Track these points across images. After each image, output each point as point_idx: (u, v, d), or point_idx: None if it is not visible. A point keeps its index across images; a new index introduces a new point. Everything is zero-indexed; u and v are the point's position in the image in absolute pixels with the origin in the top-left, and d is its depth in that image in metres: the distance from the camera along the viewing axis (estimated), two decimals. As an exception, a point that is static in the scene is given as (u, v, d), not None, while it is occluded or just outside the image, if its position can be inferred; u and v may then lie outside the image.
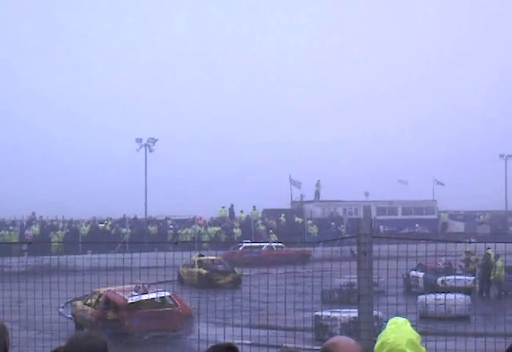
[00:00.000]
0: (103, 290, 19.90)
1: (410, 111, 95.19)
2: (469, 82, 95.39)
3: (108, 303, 20.95)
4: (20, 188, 72.28)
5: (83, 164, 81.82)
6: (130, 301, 20.48)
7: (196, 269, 36.97)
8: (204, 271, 36.60)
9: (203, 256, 37.47)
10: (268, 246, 46.62)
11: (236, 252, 45.76)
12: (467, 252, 33.15)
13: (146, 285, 20.30)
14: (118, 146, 78.54)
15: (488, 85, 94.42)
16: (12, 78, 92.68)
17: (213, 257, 37.96)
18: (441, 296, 23.58)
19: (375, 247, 6.67)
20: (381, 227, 61.68)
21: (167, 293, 21.48)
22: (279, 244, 45.92)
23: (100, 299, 21.01)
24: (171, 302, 21.40)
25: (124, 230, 53.54)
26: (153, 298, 21.35)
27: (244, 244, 45.61)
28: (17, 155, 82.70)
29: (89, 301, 21.33)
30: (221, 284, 34.93)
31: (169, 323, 20.35)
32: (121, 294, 20.56)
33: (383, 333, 4.54)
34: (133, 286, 20.20)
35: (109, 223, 56.17)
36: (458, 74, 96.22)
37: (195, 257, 36.68)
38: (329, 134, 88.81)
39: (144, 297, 20.82)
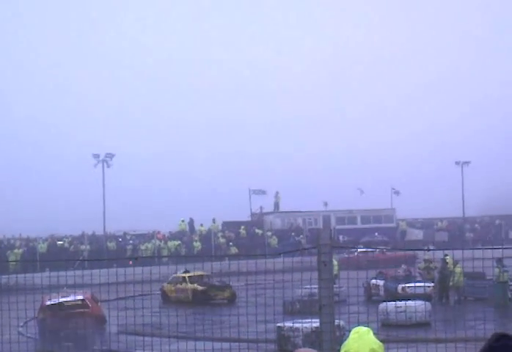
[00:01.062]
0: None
1: (366, 120, 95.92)
2: (424, 89, 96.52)
3: (40, 306, 22.94)
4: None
5: (40, 180, 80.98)
6: (47, 303, 23.82)
7: (189, 285, 34.89)
8: (200, 287, 34.61)
9: (188, 271, 34.81)
10: (379, 251, 45.07)
11: (351, 256, 42.28)
12: (426, 260, 33.45)
13: (69, 290, 22.44)
14: (75, 162, 77.91)
15: (443, 92, 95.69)
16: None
17: (201, 273, 35.22)
18: (401, 303, 23.75)
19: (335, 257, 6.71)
20: (341, 237, 61.92)
21: (81, 297, 24.86)
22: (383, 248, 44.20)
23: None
24: (87, 304, 25.03)
25: (83, 247, 53.07)
26: (71, 301, 24.74)
27: (359, 249, 43.14)
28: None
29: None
30: (218, 300, 33.37)
31: (81, 322, 22.46)
32: (47, 298, 23.13)
33: (346, 342, 4.56)
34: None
35: (68, 240, 55.66)
36: (413, 81, 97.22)
37: (179, 273, 35.02)
38: (286, 145, 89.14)
39: (62, 299, 24.07)
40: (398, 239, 64.95)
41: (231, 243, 56.11)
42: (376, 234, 63.02)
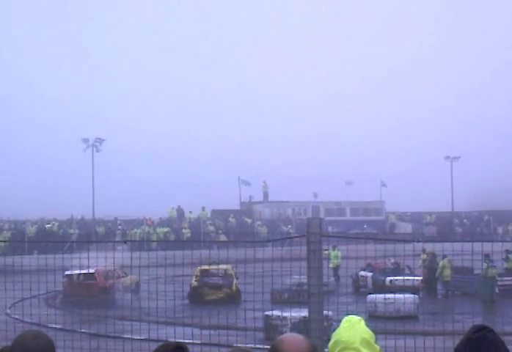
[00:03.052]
0: None
1: (357, 112, 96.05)
2: (416, 84, 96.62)
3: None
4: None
5: (30, 164, 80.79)
6: (66, 273, 28.82)
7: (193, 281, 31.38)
8: (195, 283, 31.14)
9: (216, 263, 30.75)
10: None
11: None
12: (427, 253, 33.01)
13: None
14: (65, 146, 77.75)
15: (435, 88, 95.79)
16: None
17: (224, 266, 31.69)
18: (390, 295, 23.79)
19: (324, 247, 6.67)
20: (330, 228, 62.00)
21: (92, 271, 29.81)
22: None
23: None
24: (95, 277, 30.85)
25: (71, 231, 52.97)
26: (83, 273, 30.29)
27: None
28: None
29: None
30: (210, 300, 29.74)
31: (90, 291, 29.38)
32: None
33: (336, 331, 4.52)
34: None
35: (56, 224, 55.55)
36: (406, 76, 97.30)
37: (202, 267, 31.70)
38: (277, 134, 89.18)
39: (76, 272, 29.65)
40: (387, 232, 65.06)
41: (220, 231, 56.11)
42: (365, 226, 63.16)
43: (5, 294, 9.57)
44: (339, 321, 4.54)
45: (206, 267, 31.80)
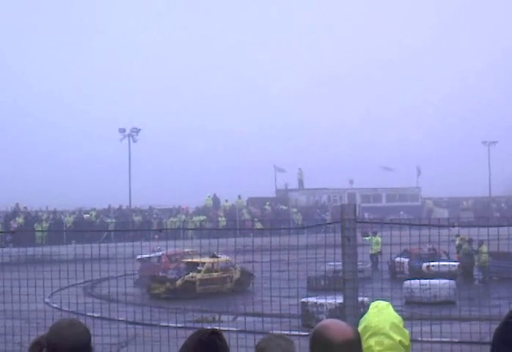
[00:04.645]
0: None
1: (395, 98, 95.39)
2: (451, 69, 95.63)
3: None
4: (4, 180, 71.90)
5: (68, 154, 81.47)
6: (138, 257, 29.41)
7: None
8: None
9: (216, 256, 30.29)
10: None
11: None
12: (461, 239, 32.88)
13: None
14: (102, 136, 78.25)
15: (471, 72, 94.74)
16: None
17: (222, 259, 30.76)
18: (426, 281, 23.71)
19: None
20: (366, 215, 61.76)
21: (159, 253, 32.58)
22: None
23: None
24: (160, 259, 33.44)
25: (109, 220, 53.39)
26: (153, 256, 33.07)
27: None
28: (4, 147, 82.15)
29: None
30: (155, 294, 28.76)
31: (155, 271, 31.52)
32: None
33: (365, 317, 4.54)
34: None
35: (94, 213, 56.00)
36: (441, 60, 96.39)
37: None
38: (314, 121, 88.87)
39: (146, 255, 31.78)
40: (424, 218, 64.66)
41: (256, 219, 56.18)
42: (401, 212, 62.85)
43: (44, 283, 9.72)
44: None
45: (189, 260, 30.95)
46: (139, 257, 30.06)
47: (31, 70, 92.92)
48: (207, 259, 30.46)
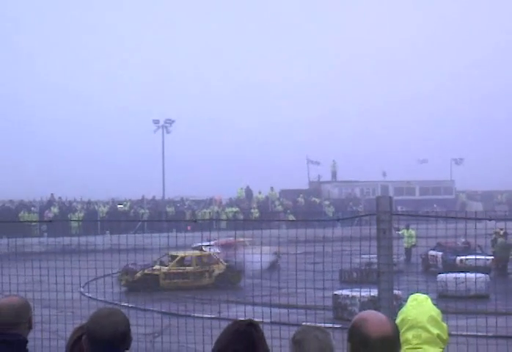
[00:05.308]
0: None
1: (428, 88, 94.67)
2: (484, 59, 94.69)
3: None
4: (39, 170, 72.63)
5: (102, 145, 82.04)
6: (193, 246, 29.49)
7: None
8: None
9: (202, 249, 30.44)
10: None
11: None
12: (496, 232, 32.61)
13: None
14: (136, 127, 78.70)
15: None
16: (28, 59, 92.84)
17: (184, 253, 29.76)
18: (460, 275, 23.54)
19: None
20: (399, 207, 61.47)
21: (212, 242, 30.28)
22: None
23: None
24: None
25: (142, 211, 53.70)
26: (206, 245, 30.20)
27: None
28: (35, 137, 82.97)
29: None
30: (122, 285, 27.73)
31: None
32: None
33: (403, 309, 4.52)
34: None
35: (128, 204, 56.33)
36: (470, 47, 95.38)
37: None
38: (345, 114, 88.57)
39: (199, 244, 29.38)
40: (458, 211, 64.21)
41: (288, 211, 56.20)
42: (435, 205, 62.46)
43: (79, 273, 9.80)
44: (409, 300, 4.55)
45: (174, 253, 29.07)
46: (194, 245, 29.62)
47: (67, 62, 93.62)
48: (189, 253, 29.57)
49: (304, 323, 11.71)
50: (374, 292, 18.13)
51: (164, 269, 28.80)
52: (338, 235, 11.45)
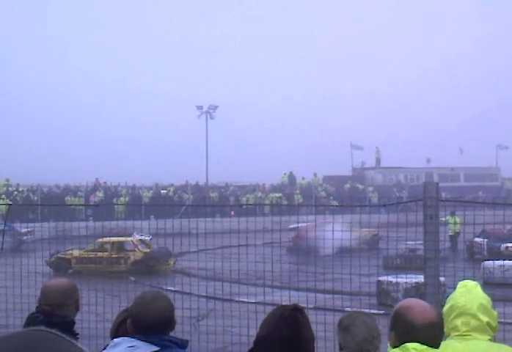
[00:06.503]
0: None
1: (471, 75, 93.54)
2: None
3: None
4: (83, 154, 73.41)
5: (145, 131, 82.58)
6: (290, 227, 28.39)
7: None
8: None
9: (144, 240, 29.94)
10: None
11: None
12: None
13: None
14: (179, 113, 79.07)
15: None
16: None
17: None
18: (506, 262, 23.32)
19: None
20: (443, 194, 60.93)
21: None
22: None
23: None
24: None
25: (186, 196, 53.93)
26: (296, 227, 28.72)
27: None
28: (80, 125, 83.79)
29: None
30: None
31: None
32: None
33: (452, 296, 4.48)
34: None
35: (171, 189, 56.60)
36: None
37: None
38: (390, 100, 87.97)
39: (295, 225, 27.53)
40: (503, 198, 63.49)
41: (331, 197, 56.04)
42: (480, 192, 61.76)
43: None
44: (454, 287, 4.50)
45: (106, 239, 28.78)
46: (291, 226, 29.43)
47: (110, 50, 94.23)
48: (106, 239, 28.87)
49: (347, 309, 11.71)
50: (417, 279, 18.07)
51: (76, 254, 28.17)
52: (383, 222, 11.39)
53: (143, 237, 29.77)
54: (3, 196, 47.98)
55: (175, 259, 26.74)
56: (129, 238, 29.11)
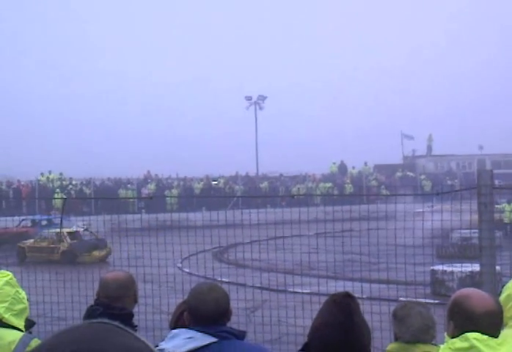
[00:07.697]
0: None
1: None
2: None
3: None
4: (134, 147, 74.04)
5: (195, 123, 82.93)
6: None
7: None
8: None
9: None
10: None
11: None
12: None
13: None
14: (229, 104, 79.21)
15: None
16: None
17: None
18: None
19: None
20: (496, 181, 59.95)
21: None
22: None
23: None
24: None
25: (237, 187, 54.06)
26: None
27: None
28: (131, 120, 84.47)
29: None
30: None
31: None
32: None
33: (509, 285, 4.41)
34: None
35: (222, 180, 56.79)
36: None
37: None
38: (440, 87, 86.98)
39: None
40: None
41: (382, 186, 55.67)
42: (535, 179, 60.69)
43: (175, 248, 9.97)
44: (510, 276, 4.44)
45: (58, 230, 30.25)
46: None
47: (160, 43, 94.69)
48: (57, 230, 30.29)
49: (401, 299, 11.65)
50: (471, 268, 17.85)
51: (29, 243, 30.70)
52: (435, 210, 11.28)
53: (73, 229, 31.07)
54: (57, 190, 48.68)
55: (109, 251, 28.25)
56: (65, 230, 30.30)
